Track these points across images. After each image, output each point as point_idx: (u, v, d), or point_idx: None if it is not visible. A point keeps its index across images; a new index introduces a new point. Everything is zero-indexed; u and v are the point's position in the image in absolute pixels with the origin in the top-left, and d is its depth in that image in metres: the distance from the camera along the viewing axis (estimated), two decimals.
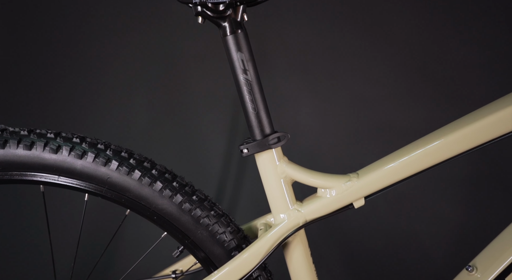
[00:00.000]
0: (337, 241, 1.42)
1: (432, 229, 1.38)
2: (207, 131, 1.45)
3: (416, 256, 1.37)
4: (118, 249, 1.36)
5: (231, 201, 1.45)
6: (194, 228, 0.60)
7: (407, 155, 0.56)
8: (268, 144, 0.57)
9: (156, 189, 0.58)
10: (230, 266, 0.57)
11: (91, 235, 1.32)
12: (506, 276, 0.54)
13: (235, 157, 1.44)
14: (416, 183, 1.41)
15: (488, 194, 1.38)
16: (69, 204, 1.34)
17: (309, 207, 0.59)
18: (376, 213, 1.42)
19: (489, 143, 0.55)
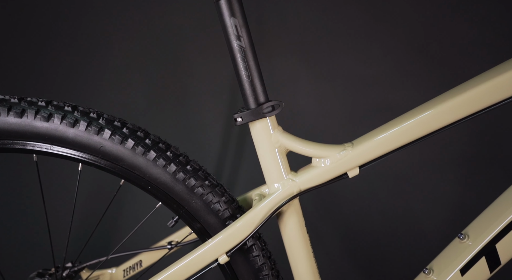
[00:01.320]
0: (334, 221, 1.44)
1: (429, 208, 1.39)
2: (206, 111, 1.44)
3: (413, 235, 1.38)
4: (116, 220, 1.37)
5: (230, 179, 1.46)
6: (189, 198, 0.60)
7: (402, 124, 0.56)
8: (262, 113, 0.56)
9: (149, 159, 0.58)
10: (223, 235, 0.57)
11: (88, 206, 1.33)
12: (496, 243, 0.54)
13: (233, 138, 1.44)
14: (413, 162, 1.41)
15: (485, 174, 1.39)
16: (65, 174, 1.34)
17: (304, 176, 0.59)
18: (373, 193, 1.42)
19: (482, 112, 0.54)
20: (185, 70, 1.43)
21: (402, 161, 1.42)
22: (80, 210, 1.34)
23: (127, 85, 1.41)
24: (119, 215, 1.37)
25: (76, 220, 1.32)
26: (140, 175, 0.59)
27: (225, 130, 1.45)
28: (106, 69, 1.40)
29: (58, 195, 1.34)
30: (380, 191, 1.42)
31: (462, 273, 0.57)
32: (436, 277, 0.59)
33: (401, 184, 1.41)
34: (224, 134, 1.44)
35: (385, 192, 1.42)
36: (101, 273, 0.77)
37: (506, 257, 0.55)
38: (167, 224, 0.67)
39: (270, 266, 0.63)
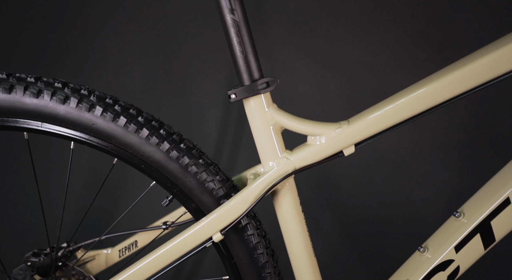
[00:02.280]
0: (332, 207, 1.44)
1: (426, 194, 1.39)
2: (203, 96, 1.43)
3: (410, 220, 1.39)
4: (114, 202, 1.37)
5: (229, 161, 1.45)
6: (182, 176, 0.59)
7: (398, 101, 0.55)
8: (257, 89, 0.55)
9: (142, 136, 0.57)
10: (217, 213, 0.57)
11: (86, 186, 1.32)
12: (491, 220, 0.54)
13: (232, 123, 1.43)
14: (411, 148, 1.41)
15: (483, 160, 1.39)
16: (60, 153, 1.34)
17: (299, 154, 0.58)
18: (371, 179, 1.42)
19: (479, 88, 0.53)
20: (182, 53, 1.41)
21: (400, 147, 1.41)
22: (78, 191, 1.34)
23: (124, 69, 1.40)
24: (118, 196, 1.36)
25: (74, 200, 1.32)
26: (133, 153, 0.58)
27: (223, 113, 1.44)
28: (102, 54, 1.38)
29: (54, 174, 1.33)
30: (377, 177, 1.42)
31: (456, 250, 0.57)
32: (430, 255, 0.59)
33: (399, 170, 1.41)
34: (223, 117, 1.43)
35: (383, 178, 1.42)
36: (97, 253, 0.77)
37: (501, 234, 0.55)
38: (161, 204, 0.67)
39: (265, 245, 0.63)
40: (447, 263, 0.57)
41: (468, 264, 0.57)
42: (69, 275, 0.74)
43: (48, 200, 1.00)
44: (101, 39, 1.38)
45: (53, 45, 1.37)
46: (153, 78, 1.42)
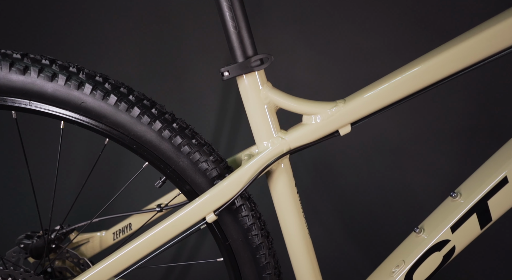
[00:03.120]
0: (330, 193, 1.43)
1: (426, 181, 1.38)
2: (201, 83, 1.41)
3: (409, 207, 1.39)
4: (112, 184, 1.36)
5: (227, 146, 1.44)
6: (175, 157, 0.58)
7: (395, 79, 0.53)
8: (250, 66, 0.54)
9: (133, 115, 0.56)
10: (211, 193, 0.56)
11: (83, 167, 1.31)
12: (488, 199, 0.54)
13: (230, 107, 1.41)
14: (410, 135, 1.40)
15: (483, 147, 1.38)
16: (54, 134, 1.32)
17: (294, 134, 0.57)
18: (370, 166, 1.42)
19: (476, 66, 0.52)
20: (178, 35, 1.38)
21: (398, 134, 1.40)
22: (75, 173, 1.33)
23: (120, 52, 1.37)
24: (115, 179, 1.35)
25: (70, 183, 1.31)
26: (124, 133, 0.57)
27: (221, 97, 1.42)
28: (97, 35, 1.36)
29: (49, 156, 1.32)
30: (376, 164, 1.41)
31: (452, 230, 0.56)
32: (426, 236, 0.59)
33: (398, 156, 1.40)
34: (221, 101, 1.42)
35: (381, 164, 1.41)
36: (91, 236, 0.77)
37: (498, 214, 0.55)
38: (154, 185, 0.66)
39: (259, 226, 0.63)
40: (442, 243, 0.57)
41: (464, 244, 0.57)
42: (63, 258, 0.73)
43: (42, 182, 0.99)
44: (96, 24, 1.35)
45: (48, 30, 1.34)
46: (149, 61, 1.39)
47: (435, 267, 0.58)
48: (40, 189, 0.80)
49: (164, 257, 1.32)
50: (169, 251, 1.34)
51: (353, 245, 1.35)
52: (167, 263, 1.30)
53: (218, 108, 1.42)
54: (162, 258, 1.06)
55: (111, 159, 1.32)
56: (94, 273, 0.56)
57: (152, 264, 1.14)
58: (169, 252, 1.33)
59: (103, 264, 0.56)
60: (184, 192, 0.61)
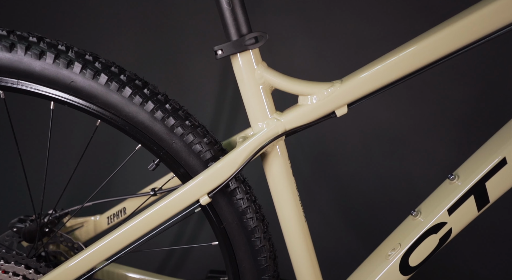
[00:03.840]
0: (328, 182, 1.43)
1: (425, 170, 1.37)
2: (198, 70, 1.39)
3: (408, 196, 1.38)
4: (110, 169, 1.35)
5: (225, 136, 1.43)
6: (168, 138, 0.57)
7: (392, 58, 0.52)
8: (245, 45, 0.52)
9: (125, 95, 0.54)
10: (204, 175, 0.55)
11: (80, 151, 1.30)
12: (486, 181, 0.53)
13: (228, 95, 1.40)
14: (409, 124, 1.39)
15: (482, 135, 1.36)
16: None
17: (289, 115, 0.56)
18: (368, 154, 1.40)
19: (475, 44, 0.51)
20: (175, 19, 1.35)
21: (398, 122, 1.39)
22: (72, 157, 1.31)
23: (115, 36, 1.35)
24: (111, 163, 1.34)
25: (67, 167, 1.30)
26: (116, 114, 0.56)
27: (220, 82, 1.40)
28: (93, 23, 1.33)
29: (43, 138, 1.30)
30: (375, 153, 1.40)
31: (449, 212, 0.55)
32: (423, 219, 0.58)
33: (397, 145, 1.39)
34: (220, 85, 1.40)
35: (380, 153, 1.40)
36: (85, 220, 0.76)
37: (495, 195, 0.54)
38: (147, 168, 0.65)
39: (254, 209, 0.62)
40: (439, 225, 0.56)
41: (461, 226, 0.56)
42: (58, 242, 0.73)
43: (37, 165, 0.97)
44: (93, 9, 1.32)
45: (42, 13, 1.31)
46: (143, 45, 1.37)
47: (431, 250, 0.57)
48: (35, 172, 0.79)
49: (163, 243, 1.32)
50: (167, 238, 1.34)
51: (351, 234, 1.35)
52: (167, 252, 1.31)
53: (216, 93, 1.40)
54: (155, 241, 1.05)
55: (107, 143, 1.31)
56: (86, 256, 0.55)
57: (147, 248, 1.14)
58: (167, 239, 1.33)
59: (95, 247, 0.55)
60: (178, 175, 0.60)
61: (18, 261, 0.60)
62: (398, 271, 0.59)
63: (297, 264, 0.63)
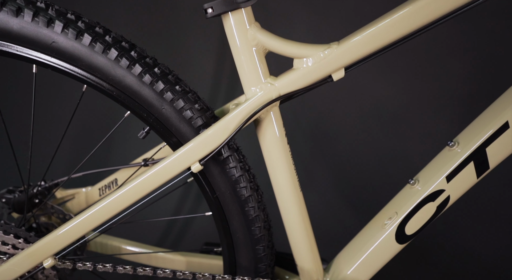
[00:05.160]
0: (327, 160, 1.41)
1: (424, 148, 1.36)
2: (195, 49, 1.35)
3: (407, 174, 1.36)
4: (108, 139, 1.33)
5: None
6: (158, 104, 0.54)
7: (390, 18, 0.49)
8: (236, 2, 0.49)
9: (111, 58, 0.52)
10: (195, 142, 0.53)
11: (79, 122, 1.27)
12: (487, 147, 0.51)
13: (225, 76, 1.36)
14: (409, 101, 1.36)
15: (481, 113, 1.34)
16: None
17: (283, 79, 0.53)
18: (367, 132, 1.38)
19: (472, 6, 0.48)
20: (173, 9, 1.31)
21: (397, 100, 1.36)
22: (63, 127, 1.29)
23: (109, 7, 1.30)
24: (105, 133, 1.32)
25: (58, 137, 1.28)
26: (102, 78, 0.53)
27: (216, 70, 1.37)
28: None
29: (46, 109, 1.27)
30: (373, 130, 1.38)
31: (448, 179, 0.54)
32: (421, 187, 0.57)
33: (396, 123, 1.37)
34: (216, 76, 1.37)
35: (379, 131, 1.38)
36: (76, 192, 0.75)
37: (496, 161, 0.52)
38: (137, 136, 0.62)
39: (248, 179, 0.60)
40: (437, 193, 0.55)
41: (459, 193, 0.55)
42: (49, 213, 0.72)
43: (23, 134, 0.94)
44: None
45: None
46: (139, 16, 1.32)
47: (428, 217, 0.56)
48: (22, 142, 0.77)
49: (151, 211, 1.31)
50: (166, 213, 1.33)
51: (349, 212, 1.34)
52: (163, 226, 1.30)
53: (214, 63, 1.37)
54: (148, 211, 1.04)
55: (97, 111, 1.28)
56: (76, 223, 0.54)
57: (140, 219, 1.13)
58: (165, 214, 1.33)
59: (86, 214, 0.54)
60: (170, 144, 0.58)
61: (7, 231, 0.59)
62: (394, 239, 0.58)
63: (292, 235, 0.62)
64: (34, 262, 0.54)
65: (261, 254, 0.64)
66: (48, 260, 0.55)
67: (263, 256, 0.64)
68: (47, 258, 0.55)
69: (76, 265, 0.58)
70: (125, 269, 0.59)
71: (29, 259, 0.54)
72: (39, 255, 0.54)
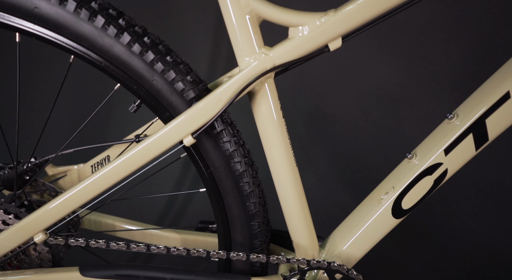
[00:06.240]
0: (325, 142, 1.40)
1: (423, 130, 1.34)
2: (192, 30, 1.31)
3: (403, 154, 1.36)
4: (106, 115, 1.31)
5: None
6: (148, 75, 0.53)
7: None
8: None
9: (97, 26, 0.49)
10: (187, 114, 0.52)
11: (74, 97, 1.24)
12: (486, 118, 0.50)
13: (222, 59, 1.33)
14: (408, 84, 1.34)
15: None
16: None
17: (278, 49, 0.51)
18: (366, 114, 1.37)
19: None
20: None
21: (396, 81, 1.34)
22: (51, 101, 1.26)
23: None
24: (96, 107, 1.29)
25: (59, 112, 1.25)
26: (89, 47, 0.51)
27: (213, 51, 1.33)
28: None
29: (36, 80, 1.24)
30: (372, 112, 1.36)
31: (446, 152, 0.53)
32: (418, 161, 0.56)
33: (395, 104, 1.35)
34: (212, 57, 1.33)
35: (378, 112, 1.36)
36: (68, 169, 0.74)
37: (495, 133, 0.51)
38: (128, 109, 0.61)
39: (242, 153, 0.59)
40: (435, 166, 0.54)
41: (457, 166, 0.54)
42: (41, 191, 0.71)
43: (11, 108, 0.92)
44: None
45: None
46: None
47: (425, 191, 0.56)
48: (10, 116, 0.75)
49: (159, 198, 1.30)
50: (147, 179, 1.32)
51: (347, 193, 1.34)
52: (160, 205, 1.29)
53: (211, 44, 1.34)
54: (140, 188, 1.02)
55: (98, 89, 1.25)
56: (67, 197, 0.52)
57: (133, 196, 1.12)
58: (148, 183, 1.32)
59: (77, 188, 0.52)
60: (162, 119, 0.57)
61: None
62: (390, 214, 0.58)
63: (287, 210, 0.61)
64: (24, 236, 0.53)
65: (256, 230, 0.63)
66: (39, 235, 0.54)
67: (258, 232, 0.63)
68: (37, 233, 0.54)
69: (69, 241, 0.57)
70: (118, 245, 0.59)
71: (19, 233, 0.53)
72: (30, 230, 0.53)
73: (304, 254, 0.63)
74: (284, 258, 0.60)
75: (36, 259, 0.63)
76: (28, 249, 0.62)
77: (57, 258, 0.65)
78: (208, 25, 1.35)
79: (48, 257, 0.63)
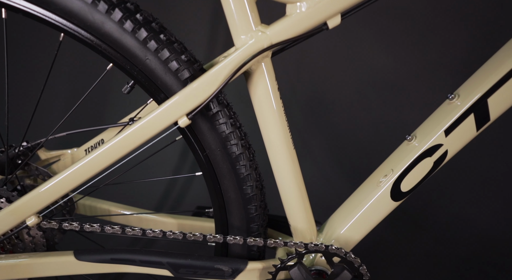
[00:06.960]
0: (323, 131, 1.38)
1: (422, 118, 1.33)
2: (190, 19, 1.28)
3: (401, 142, 1.35)
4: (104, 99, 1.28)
5: None
6: (141, 54, 0.51)
7: None
8: None
9: (87, 1, 0.47)
10: (181, 94, 0.50)
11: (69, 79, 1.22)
12: (488, 97, 0.49)
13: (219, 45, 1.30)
14: (407, 72, 1.32)
15: None
16: None
17: (275, 27, 0.50)
18: (365, 103, 1.35)
19: None
20: None
21: (396, 70, 1.32)
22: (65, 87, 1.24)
23: None
24: (101, 94, 1.27)
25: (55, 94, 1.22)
26: (79, 24, 0.49)
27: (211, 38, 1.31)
28: None
29: None
30: (371, 100, 1.35)
31: (446, 133, 0.52)
32: (418, 143, 0.55)
33: (394, 92, 1.34)
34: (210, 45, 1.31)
35: (377, 101, 1.35)
36: (61, 153, 0.72)
37: (497, 112, 0.50)
38: (122, 91, 0.59)
39: (239, 136, 0.58)
40: (434, 148, 0.53)
41: (457, 148, 0.53)
42: (34, 175, 0.69)
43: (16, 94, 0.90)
44: None
45: None
46: None
47: (424, 173, 0.55)
48: None
49: (158, 184, 1.29)
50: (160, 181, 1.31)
51: (345, 183, 1.33)
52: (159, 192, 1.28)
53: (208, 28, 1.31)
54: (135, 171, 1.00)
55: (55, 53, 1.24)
56: (60, 179, 0.51)
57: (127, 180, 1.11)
58: (163, 181, 1.31)
59: (69, 170, 0.51)
60: (157, 100, 0.55)
61: None
62: (389, 197, 0.57)
63: (285, 193, 0.60)
64: (16, 219, 0.52)
65: (253, 213, 0.62)
66: (32, 218, 0.53)
67: (255, 216, 0.63)
68: (30, 216, 0.53)
69: (62, 224, 0.56)
70: (113, 229, 0.58)
71: (11, 216, 0.52)
72: (22, 213, 0.52)
73: (302, 238, 0.62)
74: (282, 241, 0.59)
75: (30, 244, 0.62)
76: (22, 233, 0.61)
77: (51, 243, 0.64)
78: (205, 7, 1.33)
79: (42, 242, 0.62)
